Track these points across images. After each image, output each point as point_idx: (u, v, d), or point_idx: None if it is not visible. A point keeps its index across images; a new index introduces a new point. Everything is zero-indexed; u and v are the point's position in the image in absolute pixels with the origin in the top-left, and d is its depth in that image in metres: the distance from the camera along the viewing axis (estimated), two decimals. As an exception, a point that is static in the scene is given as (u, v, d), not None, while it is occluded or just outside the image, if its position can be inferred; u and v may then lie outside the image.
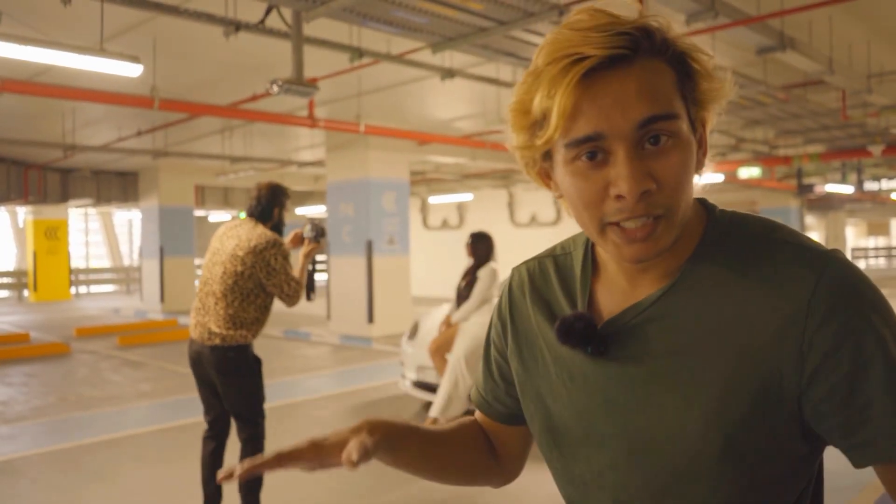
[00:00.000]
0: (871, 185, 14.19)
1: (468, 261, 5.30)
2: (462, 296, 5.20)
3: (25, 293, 18.78)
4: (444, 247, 17.75)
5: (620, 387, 0.77)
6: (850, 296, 0.69)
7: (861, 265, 30.42)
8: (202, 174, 15.02)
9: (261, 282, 3.21)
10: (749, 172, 11.71)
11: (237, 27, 4.91)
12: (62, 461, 4.68)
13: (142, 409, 6.19)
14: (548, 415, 0.85)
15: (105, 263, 23.58)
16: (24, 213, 18.51)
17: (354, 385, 7.00)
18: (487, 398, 0.98)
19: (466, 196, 17.02)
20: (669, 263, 0.77)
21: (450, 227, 18.48)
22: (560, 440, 0.84)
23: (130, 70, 5.11)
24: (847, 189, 14.37)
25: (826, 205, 21.55)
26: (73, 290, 19.58)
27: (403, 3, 4.57)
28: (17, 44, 4.55)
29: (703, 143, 0.76)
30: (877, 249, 36.03)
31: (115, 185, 15.42)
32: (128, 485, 4.20)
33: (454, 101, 9.28)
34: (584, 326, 0.78)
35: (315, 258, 3.52)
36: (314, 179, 17.06)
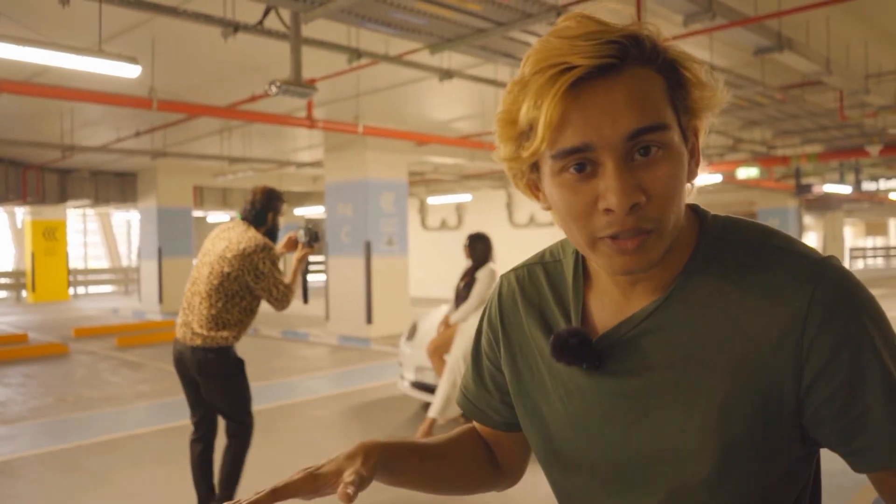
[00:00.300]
0: (869, 185, 14.20)
1: (467, 262, 5.30)
2: (461, 296, 5.21)
3: (24, 294, 18.76)
4: (443, 247, 17.75)
5: (618, 401, 0.76)
6: (847, 303, 0.69)
7: (859, 265, 30.48)
8: (200, 175, 15.02)
9: (248, 285, 3.21)
10: (747, 173, 11.72)
11: (235, 28, 4.91)
12: (60, 462, 4.68)
13: (140, 410, 6.19)
14: (545, 429, 0.84)
15: (103, 264, 23.55)
16: (23, 214, 18.49)
17: (353, 386, 7.00)
18: (480, 406, 0.96)
19: (465, 197, 17.02)
20: (663, 274, 0.76)
21: (448, 228, 18.48)
22: (558, 453, 0.83)
23: (129, 71, 5.11)
24: (845, 189, 14.38)
25: (824, 205, 21.57)
26: (72, 291, 19.56)
27: (401, 5, 4.58)
28: (16, 44, 4.54)
29: (696, 153, 0.74)
30: (875, 249, 36.08)
31: (114, 186, 15.41)
32: (126, 486, 4.20)
33: (452, 102, 9.29)
34: (579, 342, 0.77)
35: (308, 261, 3.52)
36: (313, 180, 17.06)
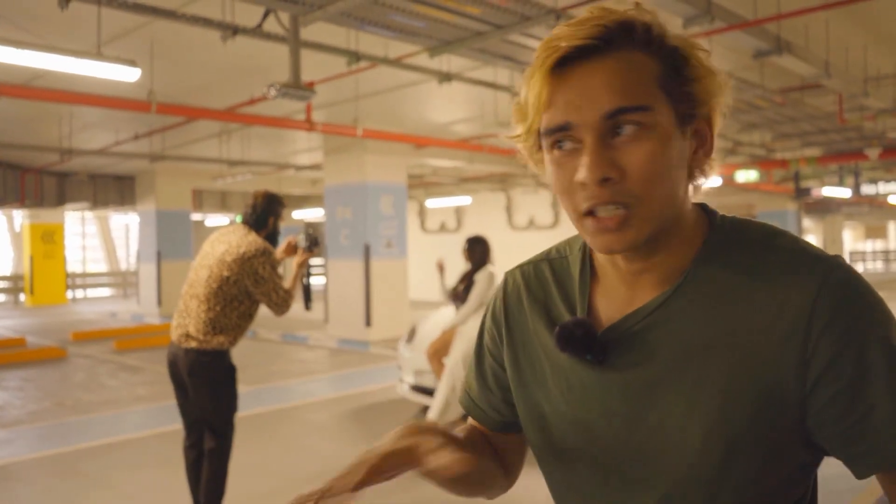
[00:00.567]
0: (869, 189, 14.20)
1: (465, 265, 5.30)
2: (460, 299, 5.20)
3: (22, 297, 18.72)
4: (442, 250, 17.74)
5: (620, 395, 0.76)
6: (853, 302, 0.69)
7: (859, 269, 30.47)
8: (199, 178, 15.01)
9: (247, 289, 3.18)
10: (746, 176, 11.73)
11: (234, 31, 4.92)
12: (59, 466, 4.67)
13: (139, 414, 6.17)
14: (545, 425, 0.84)
15: (102, 267, 23.52)
16: (21, 217, 18.47)
17: (352, 389, 6.99)
18: (482, 406, 0.95)
19: (464, 199, 17.03)
20: (668, 269, 0.76)
21: (448, 231, 18.48)
22: (557, 450, 0.83)
23: (128, 74, 5.11)
24: (844, 192, 14.38)
25: (823, 208, 21.59)
26: (70, 295, 19.52)
27: (401, 8, 4.58)
28: (14, 48, 4.54)
29: (706, 142, 0.75)
30: (874, 253, 36.10)
31: (112, 189, 15.41)
32: (125, 489, 4.18)
33: (451, 105, 9.29)
34: (584, 333, 0.77)
35: (309, 265, 3.50)
36: (312, 183, 17.06)
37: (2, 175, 13.38)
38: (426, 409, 4.80)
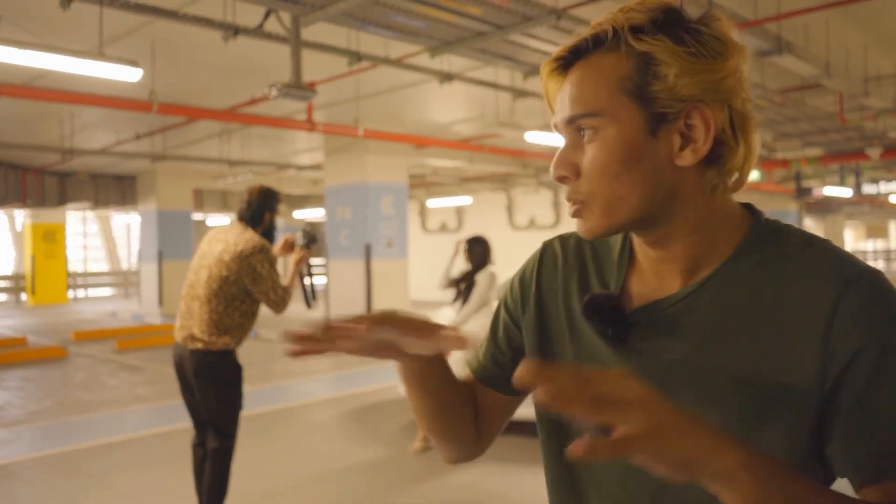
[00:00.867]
0: (870, 189, 14.19)
1: (465, 265, 5.29)
2: (461, 299, 5.19)
3: (23, 297, 18.74)
4: (443, 250, 17.72)
5: (643, 377, 0.76)
6: (878, 306, 0.69)
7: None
8: (200, 178, 15.02)
9: (246, 288, 3.17)
10: (747, 176, 11.72)
11: (236, 31, 4.92)
12: (59, 465, 4.67)
13: (139, 413, 6.18)
14: None
15: (103, 267, 23.55)
16: (23, 217, 18.49)
17: (352, 389, 7.00)
18: (483, 358, 0.96)
19: (465, 199, 17.02)
20: (693, 260, 0.78)
21: (448, 231, 18.48)
22: (562, 425, 0.84)
23: (129, 74, 5.11)
24: (845, 192, 14.37)
25: (825, 208, 21.59)
26: (71, 294, 19.53)
27: (402, 8, 4.58)
28: (16, 48, 4.55)
29: (695, 140, 0.73)
30: (875, 252, 36.08)
31: (114, 189, 15.42)
32: (125, 489, 4.19)
33: (452, 105, 9.29)
34: (612, 307, 0.80)
35: (309, 264, 3.48)
36: (312, 183, 17.06)
37: (3, 175, 13.39)
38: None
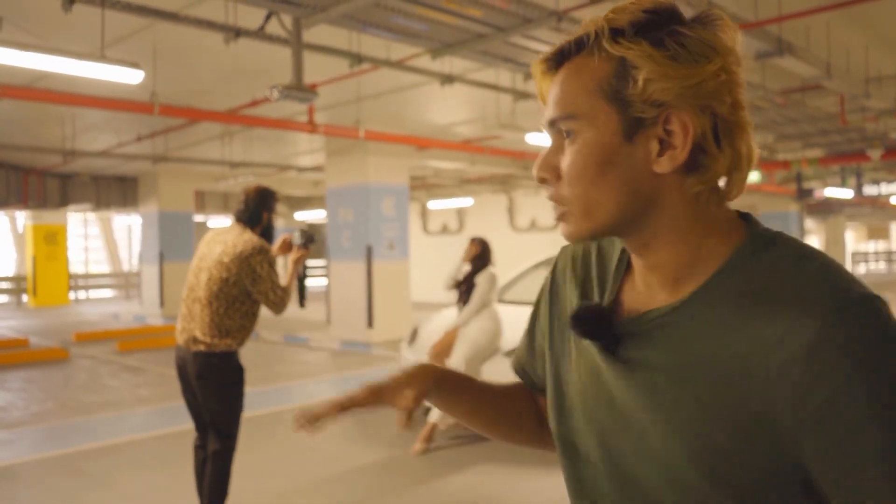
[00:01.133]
0: (871, 190, 14.19)
1: (465, 266, 5.30)
2: (462, 300, 5.20)
3: (25, 298, 18.76)
4: (444, 252, 17.76)
5: (621, 390, 0.77)
6: (857, 345, 0.63)
7: (861, 270, 30.42)
8: (202, 179, 15.04)
9: (247, 289, 3.17)
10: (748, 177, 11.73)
11: (237, 33, 4.93)
12: (61, 467, 4.68)
13: (141, 415, 6.19)
14: (560, 394, 0.87)
15: (104, 268, 23.57)
16: (24, 219, 18.51)
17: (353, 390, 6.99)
18: (524, 365, 1.02)
19: (466, 201, 17.03)
20: (678, 270, 0.75)
21: (450, 233, 18.49)
22: (568, 426, 0.85)
23: (131, 76, 5.12)
24: (847, 193, 14.37)
25: (826, 209, 21.57)
26: (73, 296, 19.55)
27: (402, 10, 4.59)
28: (18, 50, 4.56)
29: (673, 146, 0.71)
30: (877, 254, 36.05)
31: (115, 191, 15.44)
32: (126, 491, 4.19)
33: (453, 107, 9.30)
34: (595, 318, 0.79)
35: (305, 265, 3.47)
36: (314, 184, 17.08)
37: (5, 176, 13.41)
38: (428, 410, 4.81)
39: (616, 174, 0.73)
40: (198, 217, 18.34)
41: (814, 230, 28.19)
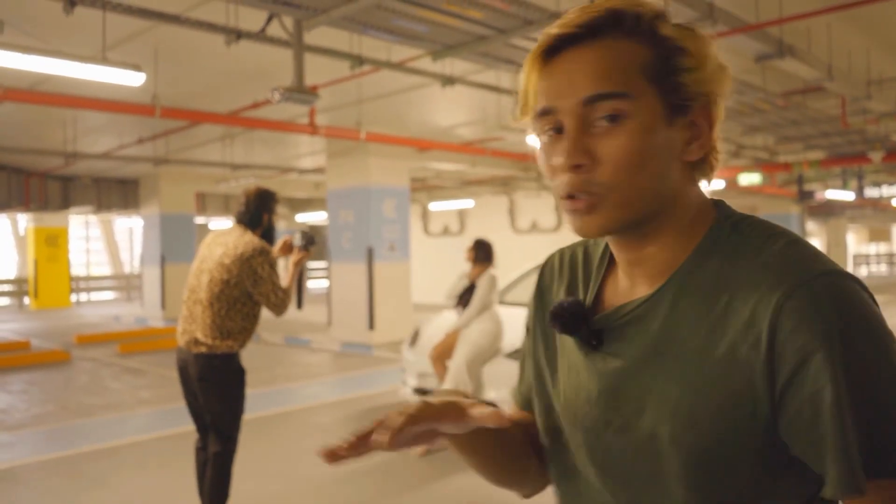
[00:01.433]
0: (872, 192, 14.18)
1: (467, 267, 5.31)
2: (463, 302, 5.20)
3: (26, 300, 18.77)
4: (445, 253, 17.76)
5: (598, 384, 0.77)
6: (827, 311, 0.64)
7: (863, 272, 30.38)
8: (203, 181, 15.05)
9: (248, 290, 3.17)
10: (749, 179, 11.72)
11: (238, 35, 4.93)
12: (62, 469, 4.68)
13: (142, 417, 6.19)
14: (545, 396, 0.87)
15: (106, 271, 23.59)
16: (25, 221, 18.53)
17: (355, 392, 7.00)
18: (523, 391, 0.95)
19: (467, 203, 17.04)
20: (662, 263, 0.75)
21: (451, 234, 18.49)
22: (552, 425, 0.85)
23: (133, 79, 5.13)
24: (848, 195, 14.35)
25: (827, 211, 21.56)
26: (74, 298, 19.56)
27: (403, 12, 4.60)
28: (20, 53, 4.57)
29: (701, 134, 0.73)
30: (878, 256, 36.02)
31: (116, 193, 15.45)
32: (128, 492, 4.19)
33: (454, 108, 9.31)
34: (572, 314, 0.78)
35: (305, 266, 3.47)
36: (315, 186, 17.09)
37: (6, 179, 13.42)
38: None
39: (658, 161, 0.71)
40: (199, 219, 18.35)
41: (815, 232, 28.17)
